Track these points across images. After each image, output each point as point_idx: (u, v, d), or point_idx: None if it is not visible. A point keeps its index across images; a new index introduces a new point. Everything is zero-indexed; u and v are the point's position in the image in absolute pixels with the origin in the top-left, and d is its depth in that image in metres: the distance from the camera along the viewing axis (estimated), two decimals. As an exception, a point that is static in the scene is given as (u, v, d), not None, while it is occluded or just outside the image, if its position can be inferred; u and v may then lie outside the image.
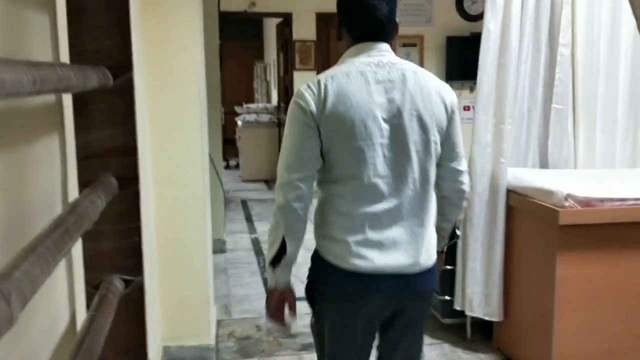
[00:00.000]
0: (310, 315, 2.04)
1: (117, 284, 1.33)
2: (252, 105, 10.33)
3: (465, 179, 1.96)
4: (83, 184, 1.32)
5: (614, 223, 2.80)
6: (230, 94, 11.03)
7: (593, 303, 2.85)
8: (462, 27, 7.82)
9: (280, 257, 1.82)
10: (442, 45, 7.93)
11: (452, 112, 1.84)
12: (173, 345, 3.19)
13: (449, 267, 3.35)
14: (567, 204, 2.75)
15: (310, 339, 2.35)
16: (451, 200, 1.98)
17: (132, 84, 1.36)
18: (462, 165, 1.94)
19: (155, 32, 2.93)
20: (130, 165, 1.37)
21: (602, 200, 2.80)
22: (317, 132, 1.71)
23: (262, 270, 4.85)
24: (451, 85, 1.91)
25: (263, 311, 3.84)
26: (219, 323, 3.71)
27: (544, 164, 3.44)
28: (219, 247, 5.15)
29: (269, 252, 1.84)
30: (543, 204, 2.85)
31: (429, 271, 1.84)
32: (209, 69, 4.03)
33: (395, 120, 1.74)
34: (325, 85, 1.72)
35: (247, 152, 9.03)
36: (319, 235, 1.87)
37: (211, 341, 3.25)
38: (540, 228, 2.92)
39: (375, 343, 1.98)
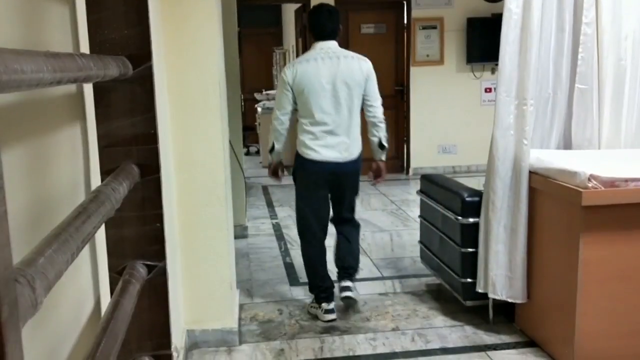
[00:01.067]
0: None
1: (140, 269, 1.35)
2: (271, 92, 10.32)
3: (376, 112, 3.48)
4: (105, 172, 1.34)
5: (638, 203, 2.76)
6: (249, 81, 11.05)
7: (617, 284, 2.82)
8: (483, 8, 7.71)
9: (272, 150, 3.60)
10: (463, 27, 7.84)
11: (368, 76, 3.42)
12: (197, 329, 3.24)
13: (470, 249, 3.35)
14: (590, 184, 2.72)
15: (331, 323, 3.54)
16: (371, 123, 3.53)
17: (152, 73, 1.38)
18: (374, 104, 3.47)
19: (173, 20, 2.95)
20: (151, 153, 1.39)
21: (626, 180, 2.76)
22: (291, 92, 3.40)
23: (284, 254, 4.88)
24: (472, 68, 3.12)
25: (286, 295, 3.92)
26: (242, 307, 3.75)
27: (567, 145, 3.40)
28: (240, 233, 5.19)
29: (268, 147, 3.65)
30: (566, 185, 2.82)
31: (351, 161, 3.46)
32: (228, 57, 4.04)
33: (333, 84, 3.34)
34: (296, 68, 3.38)
35: (267, 139, 9.05)
36: (298, 143, 3.51)
37: (234, 325, 3.29)
38: (563, 209, 2.89)
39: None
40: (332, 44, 3.42)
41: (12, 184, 1.00)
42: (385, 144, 3.56)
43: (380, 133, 3.51)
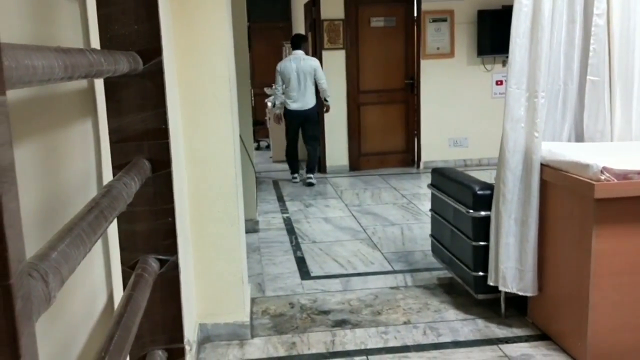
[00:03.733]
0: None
1: (153, 263, 1.36)
2: (281, 86, 10.31)
3: (321, 85, 7.22)
4: (117, 167, 1.34)
5: (651, 196, 2.74)
6: (259, 75, 11.04)
7: (629, 277, 2.81)
8: (494, 0, 7.66)
9: (274, 105, 7.64)
10: (473, 20, 7.79)
11: (315, 69, 7.17)
12: (209, 323, 3.26)
13: (482, 242, 3.35)
14: (602, 177, 2.70)
15: (342, 316, 3.55)
16: (320, 90, 7.28)
17: (162, 68, 1.38)
18: (320, 81, 7.20)
19: (183, 15, 2.95)
20: (162, 148, 1.39)
21: (639, 172, 2.74)
22: (280, 76, 7.27)
23: (295, 248, 4.89)
24: (483, 60, 3.64)
25: (297, 288, 3.93)
26: (253, 301, 3.77)
27: (579, 137, 3.37)
28: (251, 227, 5.21)
29: (272, 103, 8.04)
30: (578, 177, 2.80)
31: (309, 109, 7.28)
32: (238, 51, 4.04)
33: (297, 73, 7.15)
34: (281, 64, 7.33)
35: (277, 133, 9.07)
36: (285, 102, 7.33)
37: (246, 318, 3.31)
38: (575, 202, 2.88)
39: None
40: (299, 52, 7.24)
41: (24, 179, 1.01)
42: (327, 99, 7.33)
43: (324, 94, 7.26)
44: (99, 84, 1.41)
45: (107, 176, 1.42)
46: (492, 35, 7.59)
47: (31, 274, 0.63)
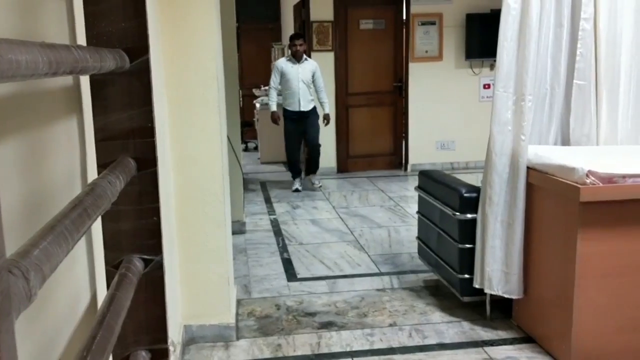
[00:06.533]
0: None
1: (137, 263, 1.35)
2: (270, 87, 10.31)
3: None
4: (102, 165, 1.33)
5: (635, 199, 2.77)
6: (248, 76, 11.03)
7: (614, 280, 2.83)
8: (482, 4, 7.71)
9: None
10: (462, 23, 7.83)
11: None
12: (194, 324, 3.24)
13: (468, 245, 3.36)
14: (588, 180, 2.72)
15: (328, 318, 3.53)
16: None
17: (149, 66, 1.37)
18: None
19: (171, 14, 2.94)
20: (148, 147, 1.38)
21: (624, 176, 2.76)
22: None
23: (282, 250, 4.88)
24: (471, 63, 3.63)
25: (283, 290, 3.92)
26: (239, 302, 3.76)
27: (565, 141, 3.40)
28: (238, 228, 5.19)
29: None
30: (564, 181, 2.82)
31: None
32: (226, 52, 4.03)
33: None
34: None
35: (265, 134, 9.06)
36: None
37: (231, 320, 3.29)
38: (561, 205, 2.89)
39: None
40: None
41: (7, 176, 0.99)
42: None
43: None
44: (85, 81, 1.39)
45: (92, 174, 1.41)
46: (480, 39, 7.63)
47: (11, 271, 0.62)
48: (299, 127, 6.89)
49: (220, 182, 3.15)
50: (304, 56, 6.90)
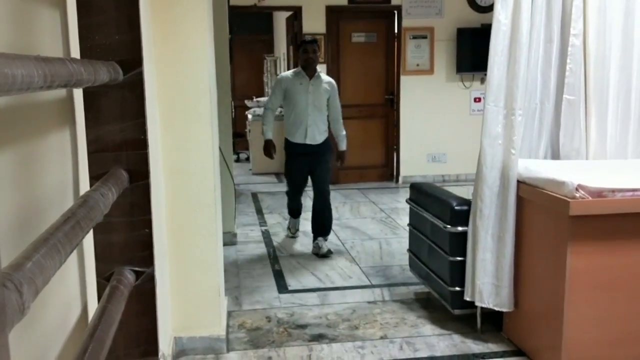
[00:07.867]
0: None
1: (128, 275, 1.35)
2: (262, 99, 10.33)
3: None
4: (94, 177, 1.33)
5: (625, 214, 2.79)
6: (240, 87, 11.05)
7: (603, 294, 2.84)
8: (473, 19, 7.78)
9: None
10: (453, 37, 7.89)
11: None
12: (184, 336, 3.22)
13: (459, 257, 3.37)
14: (578, 194, 2.74)
15: (319, 331, 3.54)
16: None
17: (142, 79, 1.38)
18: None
19: (165, 26, 2.95)
20: (140, 159, 1.39)
21: (613, 190, 2.78)
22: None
23: (273, 262, 4.87)
24: (461, 77, 3.54)
25: (274, 303, 3.91)
26: (230, 314, 3.74)
27: (555, 155, 3.42)
28: (229, 240, 5.18)
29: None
30: (554, 194, 2.84)
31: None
32: (219, 63, 4.04)
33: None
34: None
35: (257, 146, 9.04)
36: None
37: (222, 332, 3.28)
38: (551, 219, 2.91)
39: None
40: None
41: None
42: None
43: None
44: (78, 94, 1.40)
45: (84, 186, 1.41)
46: (471, 53, 7.69)
47: (5, 284, 0.62)
48: (305, 165, 5.02)
49: (211, 193, 3.15)
50: (318, 70, 4.98)
